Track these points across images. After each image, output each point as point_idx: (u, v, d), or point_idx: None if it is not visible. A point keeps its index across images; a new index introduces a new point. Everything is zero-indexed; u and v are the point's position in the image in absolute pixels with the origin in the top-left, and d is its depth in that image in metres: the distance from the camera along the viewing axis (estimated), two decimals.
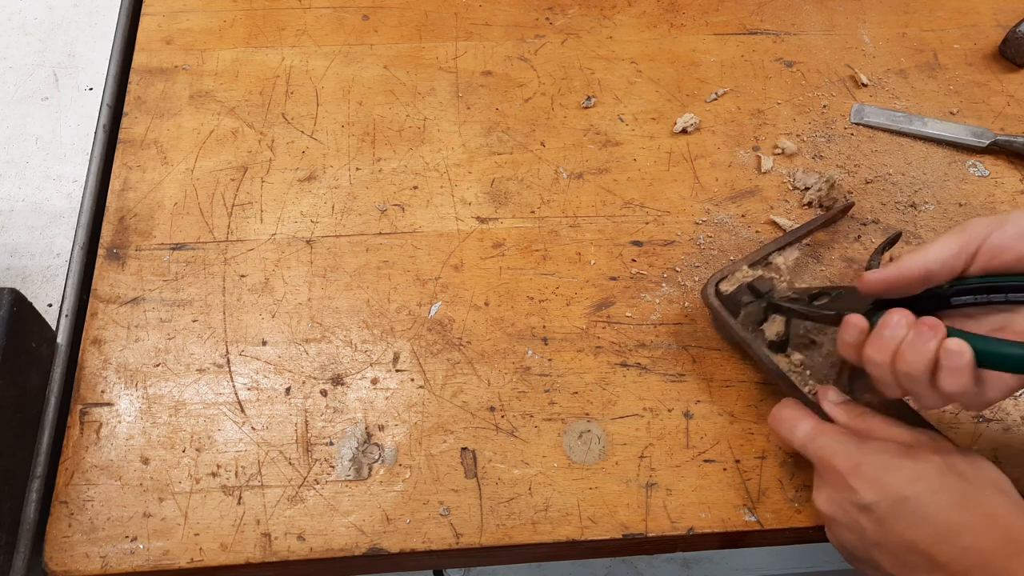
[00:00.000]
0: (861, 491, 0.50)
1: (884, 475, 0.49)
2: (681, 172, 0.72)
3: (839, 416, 0.56)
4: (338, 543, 0.56)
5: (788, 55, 0.79)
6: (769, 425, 0.57)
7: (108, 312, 0.64)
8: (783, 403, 0.57)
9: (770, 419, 0.57)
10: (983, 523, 0.47)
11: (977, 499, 0.48)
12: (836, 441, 0.53)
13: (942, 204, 0.71)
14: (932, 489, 0.48)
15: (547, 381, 0.62)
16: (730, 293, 0.61)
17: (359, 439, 0.59)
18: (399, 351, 0.63)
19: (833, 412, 0.56)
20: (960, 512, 0.47)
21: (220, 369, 0.62)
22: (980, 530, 0.47)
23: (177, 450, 0.59)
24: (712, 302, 0.61)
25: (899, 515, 0.48)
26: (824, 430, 0.54)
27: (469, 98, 0.75)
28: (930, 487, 0.48)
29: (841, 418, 0.55)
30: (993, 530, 0.47)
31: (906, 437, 0.52)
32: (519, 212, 0.69)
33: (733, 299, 0.61)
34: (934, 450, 0.51)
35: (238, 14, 0.80)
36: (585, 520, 0.57)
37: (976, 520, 0.47)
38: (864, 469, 0.50)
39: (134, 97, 0.74)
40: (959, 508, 0.48)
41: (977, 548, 0.46)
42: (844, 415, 0.55)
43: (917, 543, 0.47)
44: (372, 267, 0.66)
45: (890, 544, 0.49)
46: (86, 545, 0.55)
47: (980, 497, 0.48)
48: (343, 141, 0.73)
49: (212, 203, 0.69)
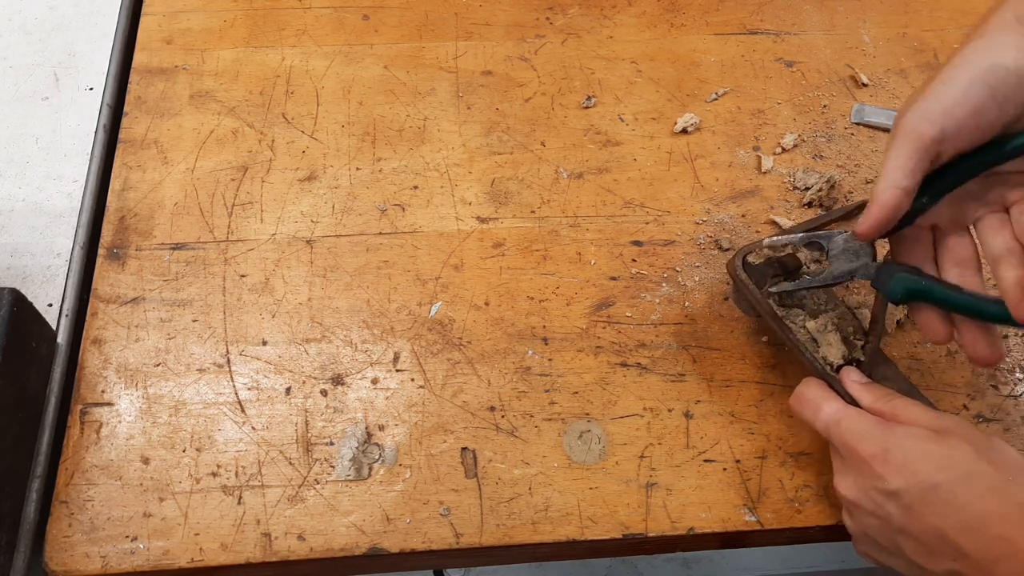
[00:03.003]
0: (888, 477, 0.48)
1: (913, 461, 0.48)
2: (681, 172, 0.72)
3: (863, 397, 0.54)
4: (338, 543, 0.56)
5: (788, 55, 0.79)
6: (790, 405, 0.56)
7: (108, 312, 0.64)
8: (806, 383, 0.56)
9: (792, 400, 0.56)
10: (1015, 513, 0.45)
11: (1008, 488, 0.47)
12: (862, 425, 0.51)
13: None
14: (963, 476, 0.47)
15: (547, 381, 0.62)
16: (757, 265, 0.60)
17: (359, 439, 0.59)
18: (399, 351, 0.63)
19: (857, 393, 0.54)
20: (991, 501, 0.46)
21: (220, 369, 0.62)
22: (1012, 519, 0.45)
23: (177, 450, 0.59)
24: (739, 275, 0.59)
25: (928, 502, 0.47)
26: (849, 413, 0.52)
27: (469, 98, 0.75)
28: (960, 474, 0.47)
29: (865, 400, 0.54)
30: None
31: (933, 421, 0.50)
32: (519, 212, 0.69)
33: (759, 271, 0.59)
34: (962, 436, 0.49)
35: (238, 14, 0.80)
36: (585, 520, 0.57)
37: (1008, 510, 0.46)
38: (892, 455, 0.49)
39: (134, 97, 0.74)
40: (990, 496, 0.46)
41: (1008, 538, 0.45)
42: (869, 397, 0.54)
43: (946, 531, 0.46)
44: (372, 267, 0.66)
45: (916, 531, 0.48)
46: (86, 545, 0.55)
47: (1012, 486, 0.47)
48: (343, 141, 0.73)
49: (212, 203, 0.69)
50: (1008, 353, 0.64)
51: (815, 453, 0.59)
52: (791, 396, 0.56)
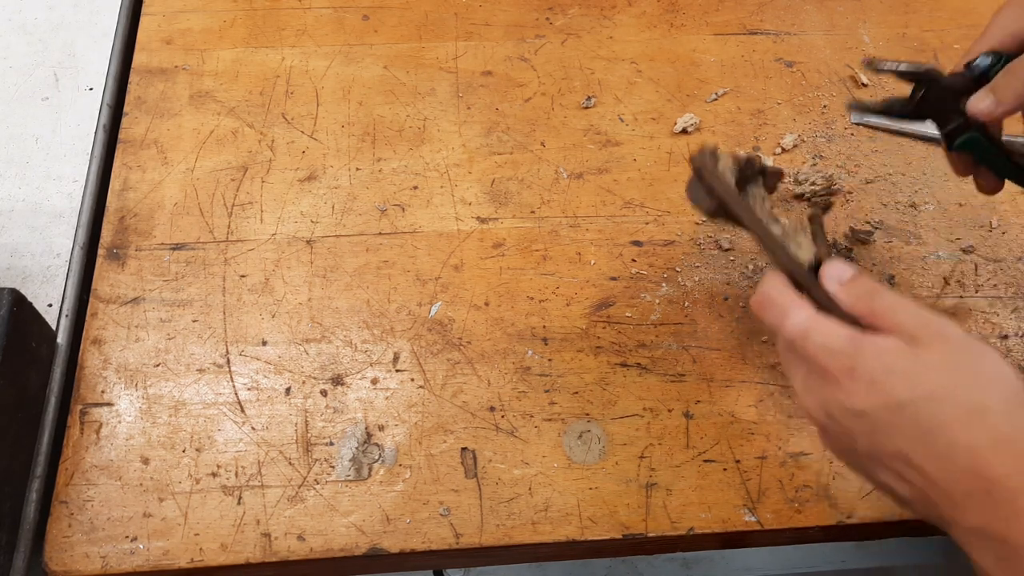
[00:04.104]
0: (854, 395, 0.43)
1: (881, 379, 0.43)
2: (681, 172, 0.72)
3: (843, 298, 0.47)
4: (338, 543, 0.56)
5: (788, 55, 0.79)
6: (752, 306, 0.50)
7: (108, 312, 0.64)
8: (771, 282, 0.49)
9: (755, 301, 0.49)
10: (987, 443, 0.40)
11: (985, 413, 0.41)
12: (831, 339, 0.45)
13: (942, 204, 0.71)
14: (934, 397, 0.41)
15: (547, 381, 0.62)
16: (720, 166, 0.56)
17: (359, 439, 0.59)
18: (399, 351, 0.63)
19: (837, 293, 0.48)
20: (961, 427, 0.41)
21: (220, 369, 0.62)
22: (984, 450, 0.40)
23: (177, 450, 0.59)
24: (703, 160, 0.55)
25: (894, 424, 0.42)
26: (818, 325, 0.46)
27: (469, 98, 0.75)
28: (932, 394, 0.41)
29: (845, 300, 0.47)
30: (1003, 455, 0.40)
31: (917, 327, 0.44)
32: (519, 212, 0.69)
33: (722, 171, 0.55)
34: (944, 347, 0.43)
35: (238, 14, 0.80)
36: (585, 520, 0.57)
37: (979, 439, 0.40)
38: (859, 372, 0.43)
39: (134, 97, 0.74)
40: (961, 422, 0.41)
41: (977, 471, 0.40)
42: (849, 296, 0.47)
43: (911, 456, 0.42)
44: (372, 267, 0.66)
45: (884, 455, 0.43)
46: (86, 545, 0.55)
47: (991, 415, 0.41)
48: (343, 141, 0.73)
49: (212, 203, 0.69)
50: (1008, 354, 0.64)
51: (815, 453, 0.59)
52: (753, 296, 0.49)
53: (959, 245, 0.68)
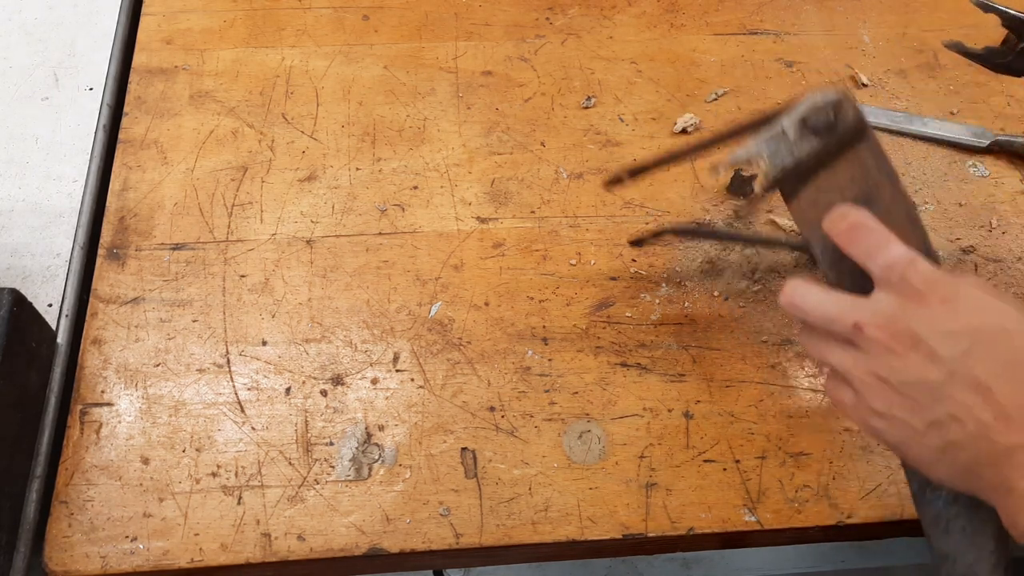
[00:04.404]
0: (957, 316, 0.45)
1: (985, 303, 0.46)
2: (681, 172, 0.72)
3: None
4: (338, 543, 0.56)
5: (788, 55, 0.79)
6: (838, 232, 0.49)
7: (108, 312, 0.64)
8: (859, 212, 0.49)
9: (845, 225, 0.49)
10: None
11: None
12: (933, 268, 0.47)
13: (942, 204, 0.71)
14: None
15: (547, 381, 0.62)
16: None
17: (359, 439, 0.59)
18: (399, 351, 0.63)
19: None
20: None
21: (220, 369, 0.62)
22: None
23: (177, 450, 0.59)
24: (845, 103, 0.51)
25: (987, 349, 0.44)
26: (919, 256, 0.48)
27: (469, 98, 0.75)
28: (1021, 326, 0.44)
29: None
30: None
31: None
32: (519, 212, 0.69)
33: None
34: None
35: (238, 14, 0.80)
36: (585, 520, 0.57)
37: None
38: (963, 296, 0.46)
39: (134, 97, 0.74)
40: None
41: None
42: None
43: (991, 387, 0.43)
44: (372, 267, 0.66)
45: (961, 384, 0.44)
46: (86, 545, 0.55)
47: None
48: (343, 141, 0.73)
49: (212, 203, 0.69)
50: None
51: (815, 453, 0.59)
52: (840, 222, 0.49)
53: (959, 245, 0.69)
